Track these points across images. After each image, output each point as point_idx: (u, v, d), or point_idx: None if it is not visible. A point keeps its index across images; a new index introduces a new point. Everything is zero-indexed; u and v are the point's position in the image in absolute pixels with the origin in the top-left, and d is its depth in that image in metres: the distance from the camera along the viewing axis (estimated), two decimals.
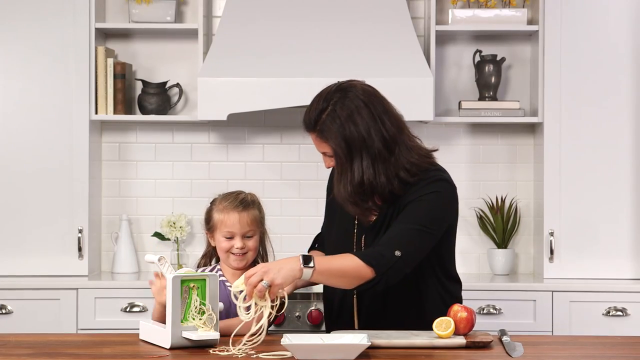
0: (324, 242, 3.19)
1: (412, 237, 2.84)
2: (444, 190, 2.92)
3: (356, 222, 3.01)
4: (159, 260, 2.81)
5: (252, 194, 3.18)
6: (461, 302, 3.04)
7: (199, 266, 3.26)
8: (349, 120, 2.84)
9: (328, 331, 3.05)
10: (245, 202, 3.10)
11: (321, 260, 2.78)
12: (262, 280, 2.67)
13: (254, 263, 3.12)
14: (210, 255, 3.22)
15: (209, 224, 3.13)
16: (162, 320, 2.83)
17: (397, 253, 2.80)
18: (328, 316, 3.12)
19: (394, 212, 2.92)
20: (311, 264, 2.73)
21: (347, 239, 3.01)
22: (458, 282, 3.09)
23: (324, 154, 2.92)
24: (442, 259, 2.99)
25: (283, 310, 2.73)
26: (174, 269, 2.80)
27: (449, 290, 3.03)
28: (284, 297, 2.71)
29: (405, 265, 2.83)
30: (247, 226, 3.07)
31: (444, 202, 2.93)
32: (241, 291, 2.71)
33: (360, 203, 2.89)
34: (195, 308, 2.73)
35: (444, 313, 2.86)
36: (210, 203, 3.19)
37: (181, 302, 2.72)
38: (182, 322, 2.71)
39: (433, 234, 2.88)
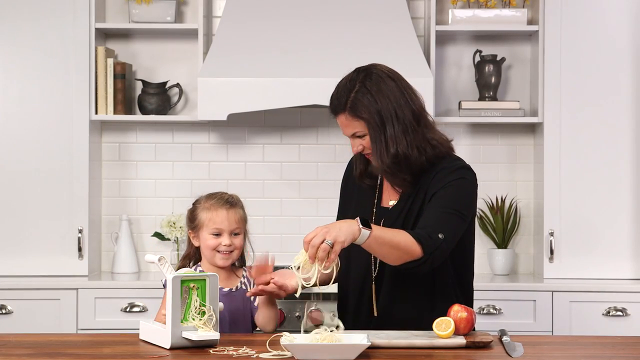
0: None
1: (451, 221, 2.89)
2: (469, 177, 3.00)
3: (374, 208, 3.04)
4: (159, 260, 2.82)
5: (236, 195, 3.19)
6: (472, 292, 3.08)
7: (178, 269, 3.23)
8: (379, 93, 2.91)
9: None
10: (231, 201, 3.12)
11: (378, 228, 2.80)
12: (324, 240, 2.68)
13: (242, 261, 3.13)
14: (191, 257, 3.20)
15: (193, 223, 3.13)
16: (164, 321, 2.83)
17: (441, 236, 2.84)
18: (344, 309, 3.11)
19: (415, 199, 2.96)
20: (369, 227, 2.75)
21: None
22: (471, 279, 3.11)
23: (353, 135, 2.95)
24: (464, 250, 3.03)
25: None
26: (173, 269, 2.80)
27: (462, 285, 3.05)
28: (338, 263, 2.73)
29: (448, 248, 2.87)
30: (235, 223, 3.08)
31: (471, 189, 3.00)
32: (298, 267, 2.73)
33: (397, 174, 2.93)
34: (196, 309, 2.73)
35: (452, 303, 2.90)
36: (193, 203, 3.21)
37: (181, 302, 2.72)
38: (182, 322, 2.71)
39: (465, 219, 2.94)
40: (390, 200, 3.04)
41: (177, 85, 4.74)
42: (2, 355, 2.63)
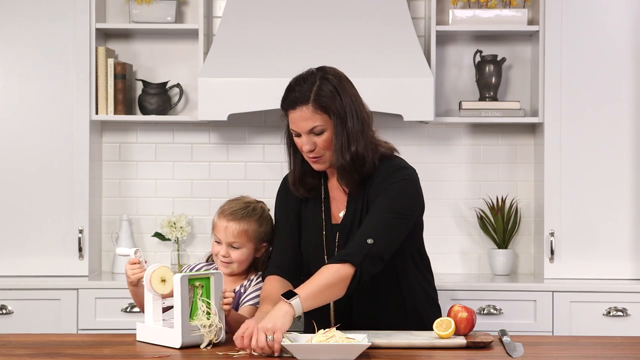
0: (286, 257, 3.08)
1: (385, 224, 2.86)
2: (410, 177, 2.95)
3: (324, 223, 3.01)
4: (135, 253, 2.89)
5: (257, 205, 3.12)
6: (435, 288, 3.09)
7: (207, 260, 3.23)
8: (342, 88, 2.90)
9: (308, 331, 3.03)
10: (237, 214, 3.04)
11: (302, 288, 2.76)
12: (265, 337, 2.61)
13: (254, 269, 3.10)
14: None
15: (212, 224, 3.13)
16: (141, 304, 2.90)
17: (369, 240, 2.82)
18: (310, 316, 3.09)
19: (363, 206, 2.94)
20: (295, 296, 2.70)
21: (319, 240, 3.01)
22: (430, 270, 3.11)
23: (309, 131, 2.89)
24: (416, 245, 3.02)
25: None
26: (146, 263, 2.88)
27: (426, 277, 3.06)
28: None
29: (381, 251, 2.83)
30: (232, 237, 3.02)
31: (412, 189, 2.95)
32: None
33: (352, 172, 2.90)
34: (203, 311, 2.73)
35: (425, 301, 2.93)
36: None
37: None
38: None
39: (406, 219, 2.91)
40: (339, 212, 3.01)
41: (178, 85, 4.75)
42: (2, 355, 2.63)
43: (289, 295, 2.71)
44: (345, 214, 2.98)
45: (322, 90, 2.88)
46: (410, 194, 2.94)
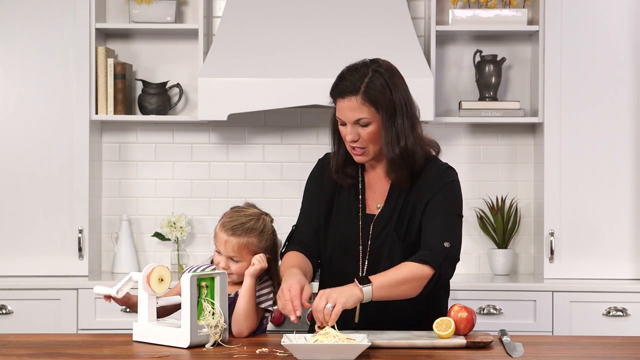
0: (311, 238, 3.09)
1: (454, 226, 2.94)
2: (456, 177, 3.02)
3: (360, 213, 3.00)
4: (117, 292, 2.90)
5: (261, 217, 3.06)
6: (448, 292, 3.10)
7: (212, 261, 3.22)
8: (394, 84, 2.90)
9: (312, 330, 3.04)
10: (238, 229, 2.99)
11: (377, 276, 2.81)
12: (326, 303, 2.71)
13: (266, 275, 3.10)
14: None
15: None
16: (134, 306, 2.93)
17: (446, 244, 2.88)
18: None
19: (405, 204, 2.95)
20: (368, 283, 2.77)
21: (353, 229, 3.00)
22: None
23: (355, 122, 2.89)
24: None
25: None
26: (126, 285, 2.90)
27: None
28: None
29: (457, 253, 2.91)
30: (232, 251, 2.98)
31: (459, 188, 3.03)
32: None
33: (402, 167, 2.92)
34: (208, 311, 2.74)
35: (441, 305, 2.93)
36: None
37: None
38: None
39: (462, 219, 3.00)
40: (376, 203, 3.01)
41: (178, 85, 4.74)
42: (2, 355, 2.63)
43: (362, 280, 2.76)
44: (383, 206, 2.99)
45: (372, 83, 2.87)
46: (460, 194, 3.01)
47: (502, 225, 4.66)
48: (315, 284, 3.11)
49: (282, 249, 3.10)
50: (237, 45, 4.47)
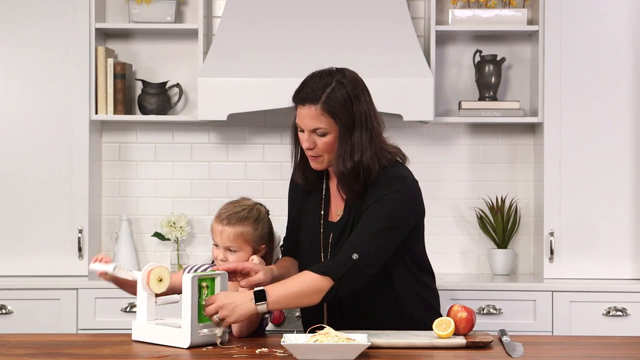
0: (292, 245, 3.14)
1: (373, 238, 2.84)
2: (404, 188, 2.91)
3: (322, 220, 3.01)
4: (114, 269, 2.89)
5: (254, 207, 3.10)
6: (436, 293, 3.07)
7: (212, 262, 3.23)
8: (356, 97, 2.87)
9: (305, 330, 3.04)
10: (233, 218, 3.03)
11: (275, 289, 2.79)
12: (216, 313, 2.73)
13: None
14: None
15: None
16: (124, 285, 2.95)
17: (355, 256, 2.81)
18: (304, 315, 3.10)
19: (357, 212, 2.93)
20: (262, 300, 2.74)
21: (316, 237, 3.01)
22: (430, 274, 3.08)
23: (313, 131, 2.88)
24: (412, 251, 2.99)
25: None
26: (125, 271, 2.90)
27: (421, 281, 3.03)
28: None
29: (365, 266, 2.82)
30: (228, 241, 3.01)
31: (407, 200, 2.91)
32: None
33: (352, 182, 2.88)
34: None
35: (420, 305, 2.93)
36: None
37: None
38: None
39: (397, 231, 2.88)
40: (337, 211, 3.00)
41: (177, 85, 4.74)
42: (2, 355, 2.63)
43: (259, 294, 2.75)
44: (342, 214, 2.98)
45: (334, 94, 2.85)
46: (404, 204, 2.90)
47: (502, 225, 4.66)
48: None
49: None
50: (237, 45, 4.47)
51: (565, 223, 4.48)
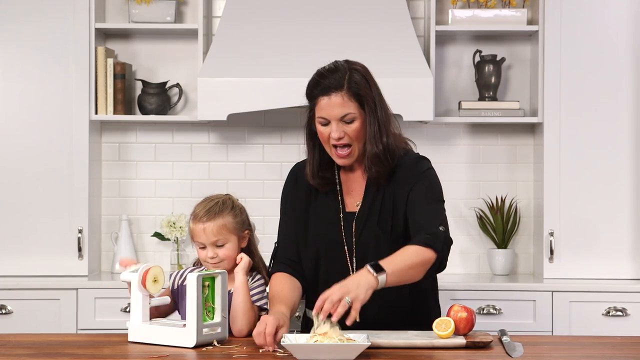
0: (294, 248, 3.08)
1: (440, 211, 2.94)
2: (431, 166, 3.03)
3: (341, 214, 3.00)
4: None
5: (225, 198, 3.11)
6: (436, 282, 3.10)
7: (194, 265, 3.25)
8: (370, 80, 2.94)
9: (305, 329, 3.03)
10: (211, 212, 3.04)
11: (385, 262, 2.77)
12: (342, 297, 2.65)
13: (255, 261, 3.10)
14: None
15: (189, 232, 3.13)
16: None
17: (441, 228, 2.87)
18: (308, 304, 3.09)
19: (384, 198, 2.95)
20: (382, 271, 2.73)
21: (336, 229, 3.00)
22: None
23: (341, 119, 2.89)
24: None
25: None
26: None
27: (433, 277, 3.07)
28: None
29: (449, 236, 2.90)
30: (213, 236, 3.02)
31: (437, 176, 3.04)
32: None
33: (384, 162, 2.93)
34: (208, 312, 2.75)
35: (432, 300, 2.94)
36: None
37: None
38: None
39: (444, 204, 2.99)
40: (354, 202, 3.01)
41: (177, 85, 4.75)
42: (2, 355, 2.63)
43: (376, 268, 2.72)
44: (362, 203, 2.99)
45: (354, 78, 2.90)
46: (438, 181, 3.02)
47: (501, 225, 4.66)
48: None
49: (269, 267, 3.11)
50: (236, 45, 4.48)
51: (565, 223, 4.48)
